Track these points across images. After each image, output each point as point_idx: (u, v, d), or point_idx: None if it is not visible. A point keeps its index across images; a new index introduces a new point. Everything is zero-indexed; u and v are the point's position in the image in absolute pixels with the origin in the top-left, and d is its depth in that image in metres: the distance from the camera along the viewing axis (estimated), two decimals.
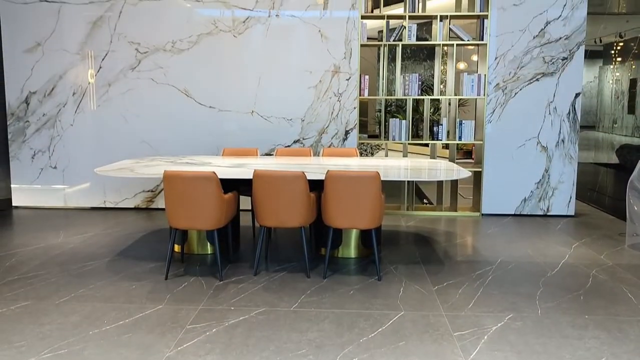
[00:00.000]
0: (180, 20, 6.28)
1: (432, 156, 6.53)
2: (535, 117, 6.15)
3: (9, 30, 6.36)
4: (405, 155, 6.49)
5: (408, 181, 6.33)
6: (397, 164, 5.11)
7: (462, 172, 4.51)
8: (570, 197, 6.24)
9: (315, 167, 4.59)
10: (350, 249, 4.56)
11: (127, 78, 6.41)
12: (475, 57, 12.66)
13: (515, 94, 6.13)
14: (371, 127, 14.54)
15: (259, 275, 4.14)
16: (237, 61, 6.30)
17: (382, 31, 6.28)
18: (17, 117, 6.47)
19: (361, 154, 5.73)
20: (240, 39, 6.27)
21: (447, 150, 6.60)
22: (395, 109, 12.95)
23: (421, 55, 13.12)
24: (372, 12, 6.24)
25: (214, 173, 3.84)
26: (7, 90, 6.44)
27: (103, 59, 6.38)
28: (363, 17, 6.17)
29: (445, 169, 4.98)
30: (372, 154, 11.42)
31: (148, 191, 6.54)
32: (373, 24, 6.33)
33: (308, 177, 3.93)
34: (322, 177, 3.99)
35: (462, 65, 12.20)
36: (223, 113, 6.39)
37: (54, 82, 6.40)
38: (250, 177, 3.98)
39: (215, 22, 6.26)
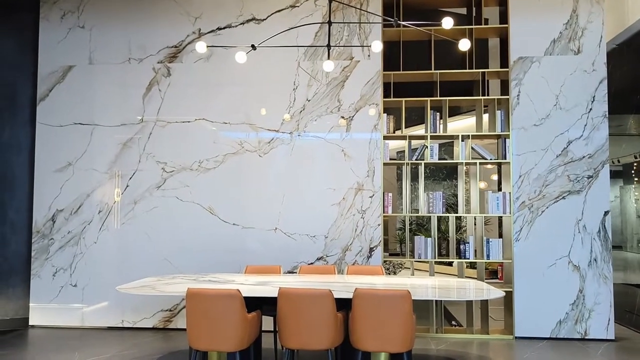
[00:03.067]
0: (207, 141, 6.47)
1: (460, 275, 6.33)
2: (564, 235, 6.01)
3: (43, 151, 6.59)
4: (431, 274, 6.30)
5: (436, 301, 6.08)
6: (424, 283, 4.93)
7: (493, 292, 4.32)
8: (609, 320, 5.90)
9: (341, 286, 4.44)
10: None
11: (153, 196, 6.50)
12: (494, 177, 12.80)
13: (542, 212, 6.05)
14: (392, 245, 14.40)
15: None
16: (261, 179, 6.39)
17: (402, 151, 6.39)
18: (42, 235, 6.50)
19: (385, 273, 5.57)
20: (265, 158, 6.40)
21: (475, 270, 6.39)
22: (417, 227, 12.87)
23: (440, 174, 13.29)
24: (394, 132, 6.39)
25: (238, 291, 3.71)
26: (35, 209, 6.54)
27: (130, 178, 6.52)
28: (385, 138, 6.30)
29: (475, 288, 4.77)
30: (395, 273, 11.16)
31: (166, 310, 6.35)
32: (394, 145, 6.48)
33: (335, 296, 3.78)
34: (349, 295, 3.83)
35: (482, 185, 12.27)
36: (246, 230, 6.36)
37: (81, 200, 6.51)
38: (275, 295, 3.83)
39: (241, 142, 6.44)
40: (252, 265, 5.65)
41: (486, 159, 6.21)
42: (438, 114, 6.30)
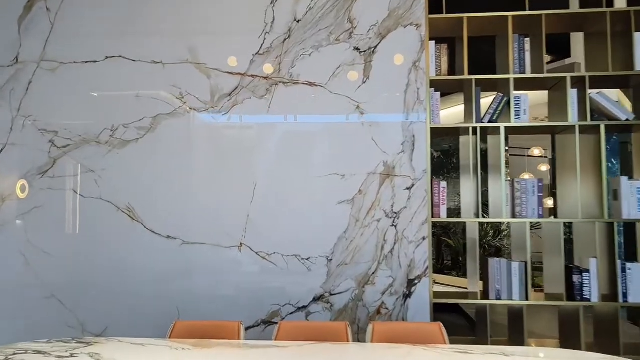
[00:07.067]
0: (125, 93, 3.75)
1: (569, 337, 3.58)
2: None
3: None
4: (520, 338, 3.56)
5: None
6: None
7: None
8: None
9: None
10: None
11: (34, 189, 3.78)
12: (543, 167, 9.95)
13: None
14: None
15: None
16: (215, 159, 3.67)
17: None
18: None
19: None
20: (224, 122, 3.68)
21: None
22: (441, 231, 10.04)
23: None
24: (448, 75, 3.64)
25: None
26: None
27: None
28: (433, 84, 3.58)
29: None
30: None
31: None
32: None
33: None
34: None
35: (526, 177, 9.41)
36: (190, 248, 3.64)
37: None
38: None
39: (182, 95, 3.72)
40: (186, 320, 2.93)
41: (621, 120, 3.46)
42: (526, 40, 3.56)
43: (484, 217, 3.56)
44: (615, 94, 4.35)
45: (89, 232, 3.72)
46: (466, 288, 8.54)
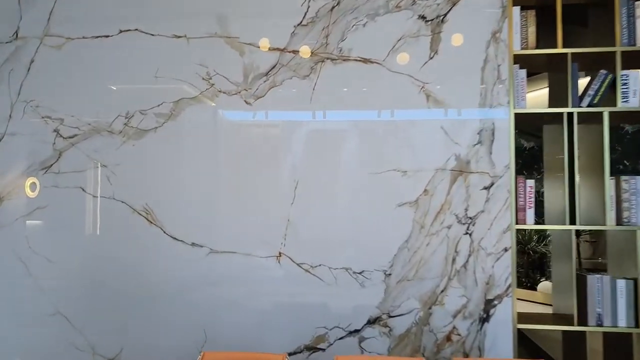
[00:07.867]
0: (143, 74, 3.17)
1: None
2: None
3: None
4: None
5: None
6: None
7: None
8: None
9: None
10: None
11: (36, 186, 3.22)
12: None
13: None
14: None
15: None
16: (248, 152, 3.06)
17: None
18: None
19: None
20: (257, 107, 3.07)
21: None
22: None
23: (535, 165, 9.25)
24: (536, 47, 2.96)
25: None
26: None
27: None
28: (518, 59, 2.91)
29: None
30: None
31: None
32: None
33: None
34: None
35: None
36: (218, 257, 3.04)
37: None
38: None
39: (209, 75, 3.11)
40: (216, 352, 2.32)
41: None
42: (637, 4, 2.87)
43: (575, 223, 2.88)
44: None
45: (100, 238, 3.15)
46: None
